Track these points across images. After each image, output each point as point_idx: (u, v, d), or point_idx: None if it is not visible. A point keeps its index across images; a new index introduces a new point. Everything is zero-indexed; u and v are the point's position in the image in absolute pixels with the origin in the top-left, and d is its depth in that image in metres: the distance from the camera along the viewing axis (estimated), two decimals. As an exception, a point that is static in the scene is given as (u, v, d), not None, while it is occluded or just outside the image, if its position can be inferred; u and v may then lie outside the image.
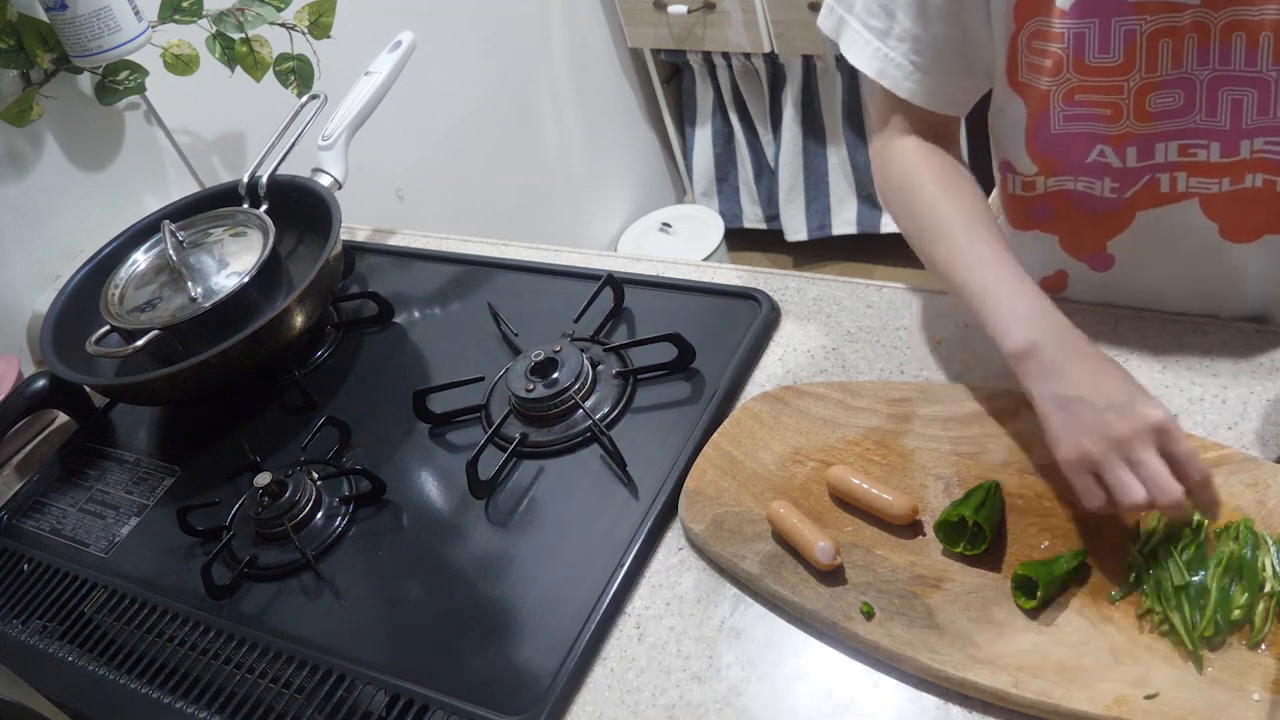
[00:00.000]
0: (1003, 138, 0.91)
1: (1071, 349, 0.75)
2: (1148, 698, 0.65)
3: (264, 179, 1.22)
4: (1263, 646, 0.65)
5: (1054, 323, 0.77)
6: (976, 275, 0.81)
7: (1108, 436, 0.70)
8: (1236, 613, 0.66)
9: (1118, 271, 0.93)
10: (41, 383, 1.14)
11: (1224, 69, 0.77)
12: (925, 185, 0.89)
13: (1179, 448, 0.69)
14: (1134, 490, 0.69)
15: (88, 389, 1.19)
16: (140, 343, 1.06)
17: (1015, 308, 0.78)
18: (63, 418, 1.23)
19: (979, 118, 0.96)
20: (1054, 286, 0.99)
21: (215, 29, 1.34)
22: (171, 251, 1.14)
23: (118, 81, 1.33)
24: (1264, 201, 0.83)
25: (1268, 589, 0.67)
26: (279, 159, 1.23)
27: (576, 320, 1.05)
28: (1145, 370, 0.86)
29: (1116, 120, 0.81)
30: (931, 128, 0.92)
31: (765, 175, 2.62)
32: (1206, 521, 0.71)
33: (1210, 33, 0.75)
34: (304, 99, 1.27)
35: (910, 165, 0.90)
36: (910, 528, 0.79)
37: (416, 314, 1.20)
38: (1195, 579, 0.68)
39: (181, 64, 1.35)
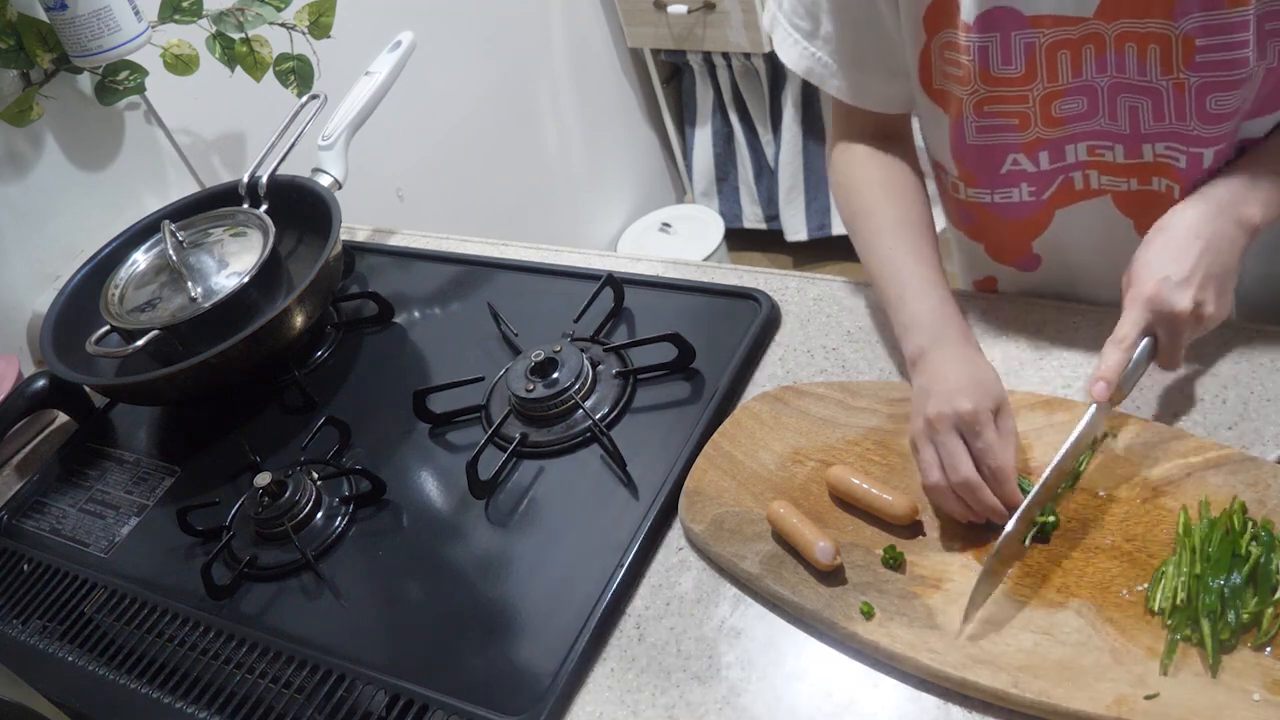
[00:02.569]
0: (930, 141, 0.95)
1: (945, 350, 0.81)
2: (1148, 698, 0.65)
3: (264, 179, 1.22)
4: (1267, 649, 0.65)
5: (947, 330, 0.83)
6: (891, 281, 0.88)
7: (925, 417, 0.77)
8: (1246, 616, 0.66)
9: (1045, 270, 0.97)
10: (41, 383, 1.14)
11: (1120, 77, 0.80)
12: (863, 189, 0.94)
13: (976, 441, 0.75)
14: (930, 469, 0.76)
15: (88, 389, 1.19)
16: (140, 343, 1.06)
17: (917, 316, 0.84)
18: (63, 418, 1.23)
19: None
20: (986, 288, 1.03)
21: (215, 29, 1.34)
22: (171, 251, 1.14)
23: (118, 81, 1.33)
24: (1169, 206, 0.84)
25: (1278, 595, 0.67)
26: (279, 159, 1.23)
27: (576, 320, 1.05)
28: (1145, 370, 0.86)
29: (1026, 128, 0.85)
30: (879, 127, 0.96)
31: (765, 175, 2.62)
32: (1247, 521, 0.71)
33: (1105, 43, 0.79)
34: (304, 99, 1.27)
35: (854, 169, 0.95)
36: (910, 528, 0.79)
37: (416, 314, 1.20)
38: (1223, 582, 0.68)
39: (181, 64, 1.35)
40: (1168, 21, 0.75)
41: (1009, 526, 0.73)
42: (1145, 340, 0.76)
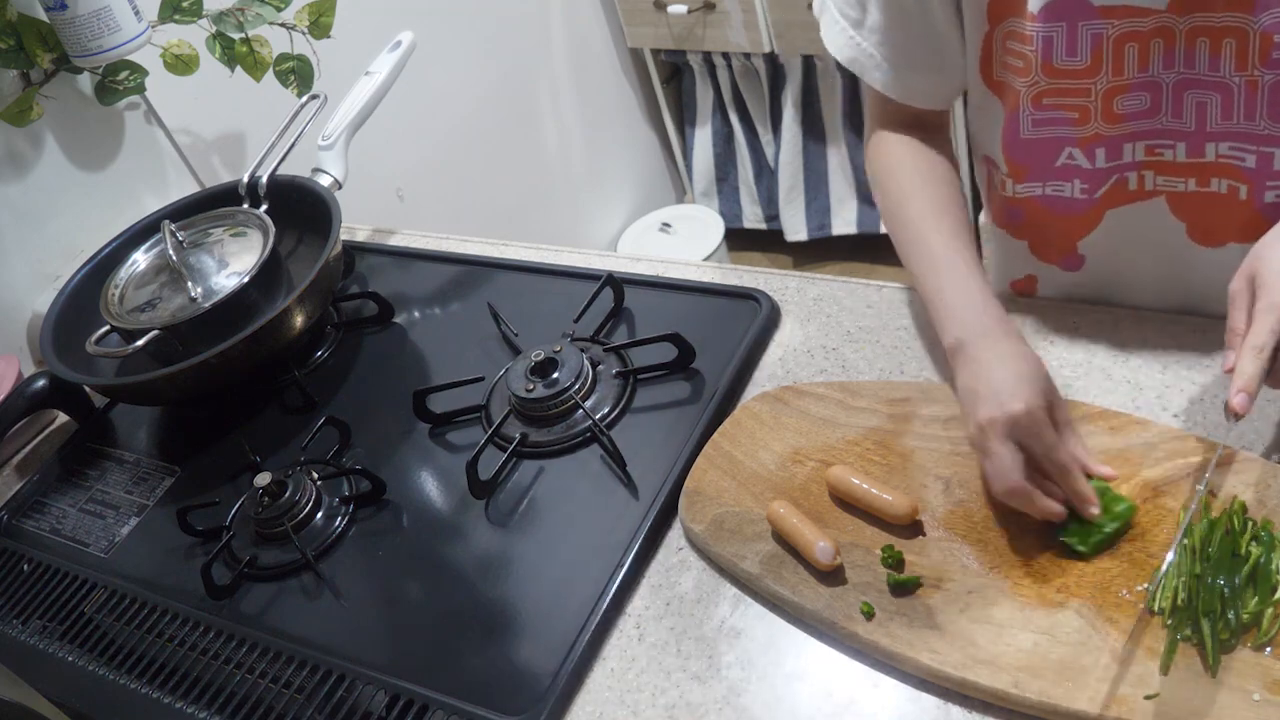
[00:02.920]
0: (981, 135, 0.93)
1: (992, 345, 0.78)
2: (1148, 698, 0.65)
3: (264, 179, 1.22)
4: (1267, 649, 0.65)
5: (985, 320, 0.80)
6: (928, 271, 0.85)
7: (975, 423, 0.75)
8: (1246, 616, 0.66)
9: (1088, 271, 0.95)
10: (41, 383, 1.14)
11: (1189, 72, 0.78)
12: (900, 178, 0.92)
13: (1037, 441, 0.73)
14: (991, 480, 0.74)
15: (88, 389, 1.19)
16: (140, 343, 1.06)
17: (954, 306, 0.82)
18: (63, 418, 1.23)
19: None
20: (1025, 290, 1.01)
21: (215, 29, 1.34)
22: (171, 251, 1.14)
23: (118, 81, 1.33)
24: (1229, 208, 0.84)
25: (1278, 595, 0.67)
26: (279, 159, 1.23)
27: (576, 320, 1.05)
28: (1145, 370, 0.86)
29: (1084, 123, 0.83)
30: (916, 120, 0.94)
31: (765, 175, 2.62)
32: (1247, 520, 0.70)
33: (1175, 37, 0.77)
34: (304, 99, 1.27)
35: (891, 159, 0.94)
36: (910, 528, 0.79)
37: (416, 314, 1.20)
38: (1222, 582, 0.68)
39: (181, 64, 1.35)
40: (1245, 16, 0.74)
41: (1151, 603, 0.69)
42: None
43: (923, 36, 0.87)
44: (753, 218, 2.70)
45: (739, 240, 2.77)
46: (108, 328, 1.11)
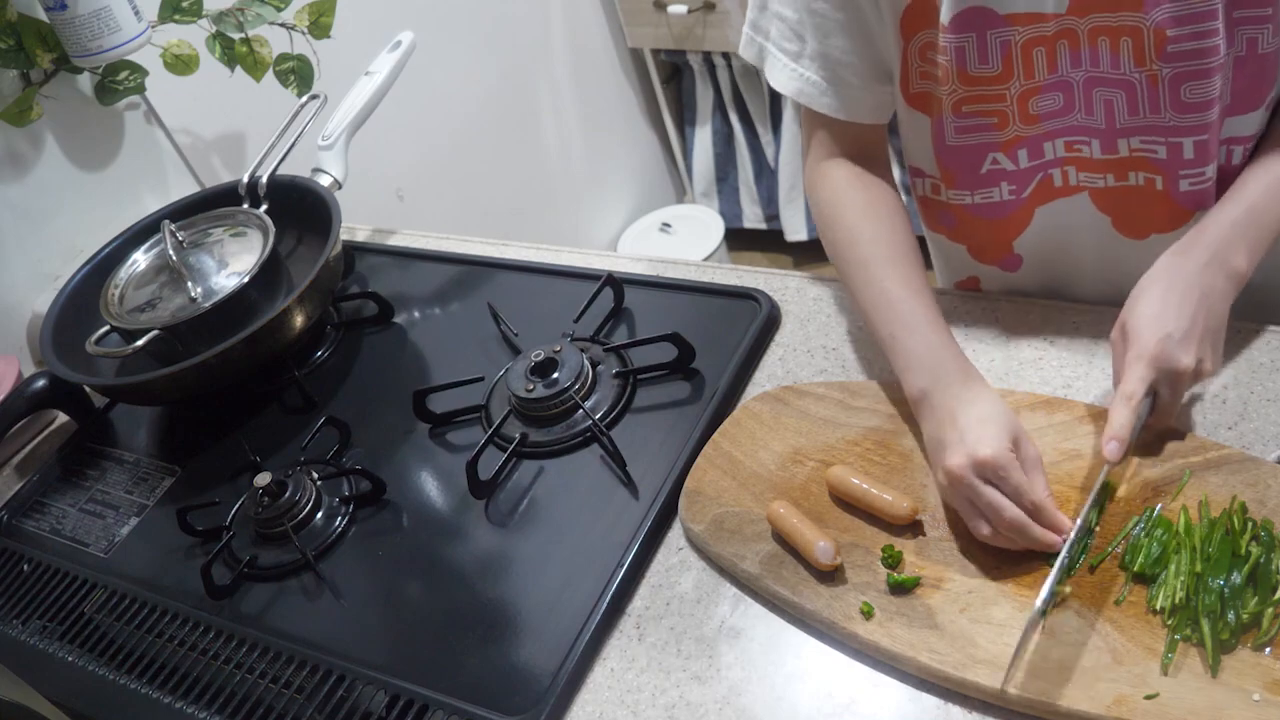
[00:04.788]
0: (909, 145, 0.95)
1: (955, 392, 0.78)
2: (1148, 698, 0.65)
3: (264, 179, 1.22)
4: (1266, 649, 0.65)
5: (947, 367, 0.80)
6: (885, 319, 0.85)
7: (946, 472, 0.75)
8: (1246, 616, 0.66)
9: (1027, 270, 0.98)
10: (41, 383, 1.14)
11: (1094, 71, 0.81)
12: (846, 215, 0.91)
13: (1005, 481, 0.73)
14: (975, 525, 0.75)
15: (88, 389, 1.19)
16: (140, 343, 1.06)
17: (914, 354, 0.82)
18: (63, 418, 1.23)
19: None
20: (970, 288, 1.04)
21: (215, 29, 1.34)
22: (171, 251, 1.14)
23: (118, 81, 1.33)
24: (1149, 200, 0.87)
25: (1278, 595, 0.67)
26: (279, 159, 1.23)
27: (576, 320, 1.05)
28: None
29: (1004, 126, 0.86)
30: (857, 142, 0.95)
31: (765, 175, 2.62)
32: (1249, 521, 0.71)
33: (1079, 38, 0.80)
34: (304, 99, 1.27)
35: (835, 195, 0.93)
36: (910, 528, 0.79)
37: (416, 314, 1.20)
38: (1222, 582, 0.68)
39: (181, 64, 1.35)
40: (1138, 14, 0.77)
41: (1042, 594, 0.69)
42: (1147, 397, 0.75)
43: (861, 47, 0.88)
44: (753, 218, 2.70)
45: (739, 240, 2.77)
46: (108, 328, 1.11)
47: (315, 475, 0.99)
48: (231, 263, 1.13)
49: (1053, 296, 0.97)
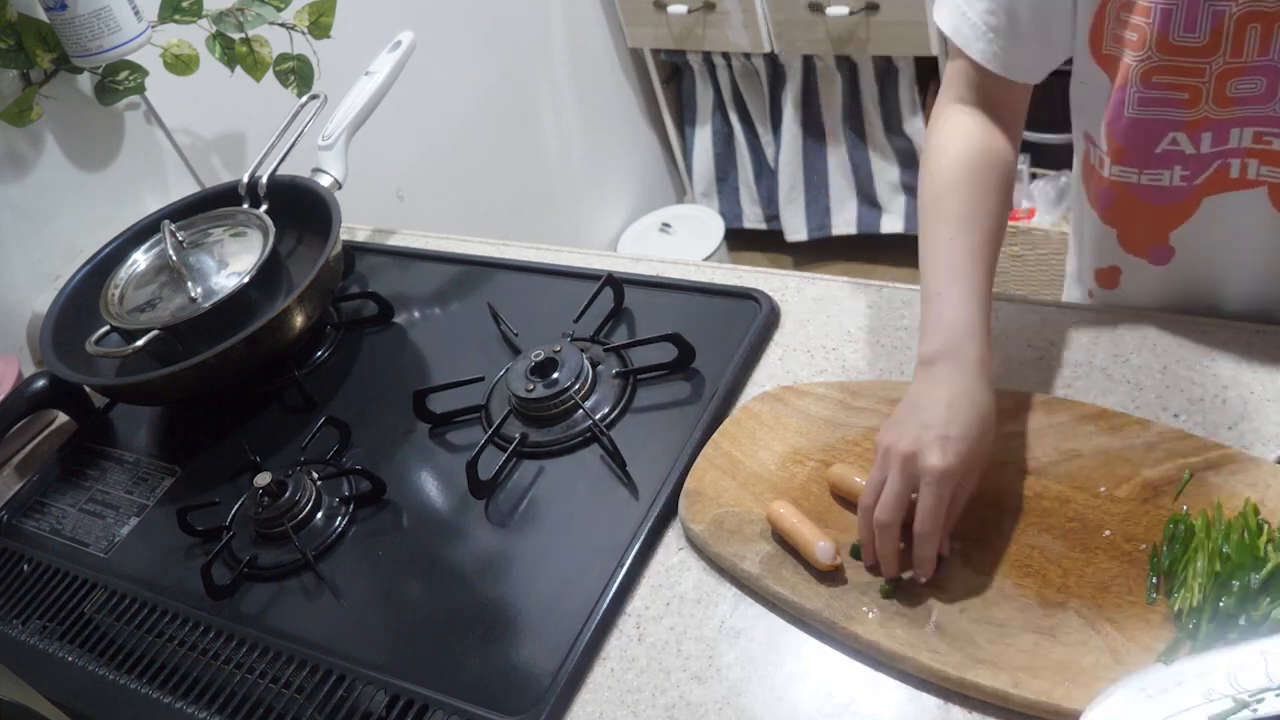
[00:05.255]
0: (1085, 109, 0.88)
1: (950, 371, 0.77)
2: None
3: (264, 179, 1.22)
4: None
5: (965, 346, 0.78)
6: (936, 274, 0.82)
7: (890, 441, 0.75)
8: (1258, 618, 0.66)
9: (1177, 265, 0.91)
10: (41, 383, 1.14)
11: None
12: (949, 168, 0.86)
13: (924, 498, 0.73)
14: (869, 491, 0.76)
15: (88, 389, 1.19)
16: (140, 343, 1.06)
17: (943, 319, 0.79)
18: (63, 418, 1.23)
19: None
20: (1107, 283, 0.98)
21: (215, 29, 1.34)
22: (171, 251, 1.14)
23: (118, 81, 1.33)
24: None
25: None
26: (279, 159, 1.23)
27: (576, 320, 1.05)
28: (1145, 370, 0.86)
29: (1194, 105, 0.79)
30: (994, 96, 0.89)
31: (765, 175, 2.62)
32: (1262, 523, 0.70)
33: None
34: (304, 99, 1.27)
35: (951, 141, 0.88)
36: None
37: (416, 314, 1.20)
38: (1236, 584, 0.67)
39: (181, 64, 1.35)
40: None
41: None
42: None
43: (1033, 7, 0.83)
44: (753, 218, 2.70)
45: (739, 240, 2.77)
46: (108, 328, 1.11)
47: (315, 475, 0.99)
48: (231, 263, 1.13)
49: (1190, 297, 0.92)
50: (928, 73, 2.26)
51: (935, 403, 0.75)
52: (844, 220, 2.56)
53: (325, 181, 1.23)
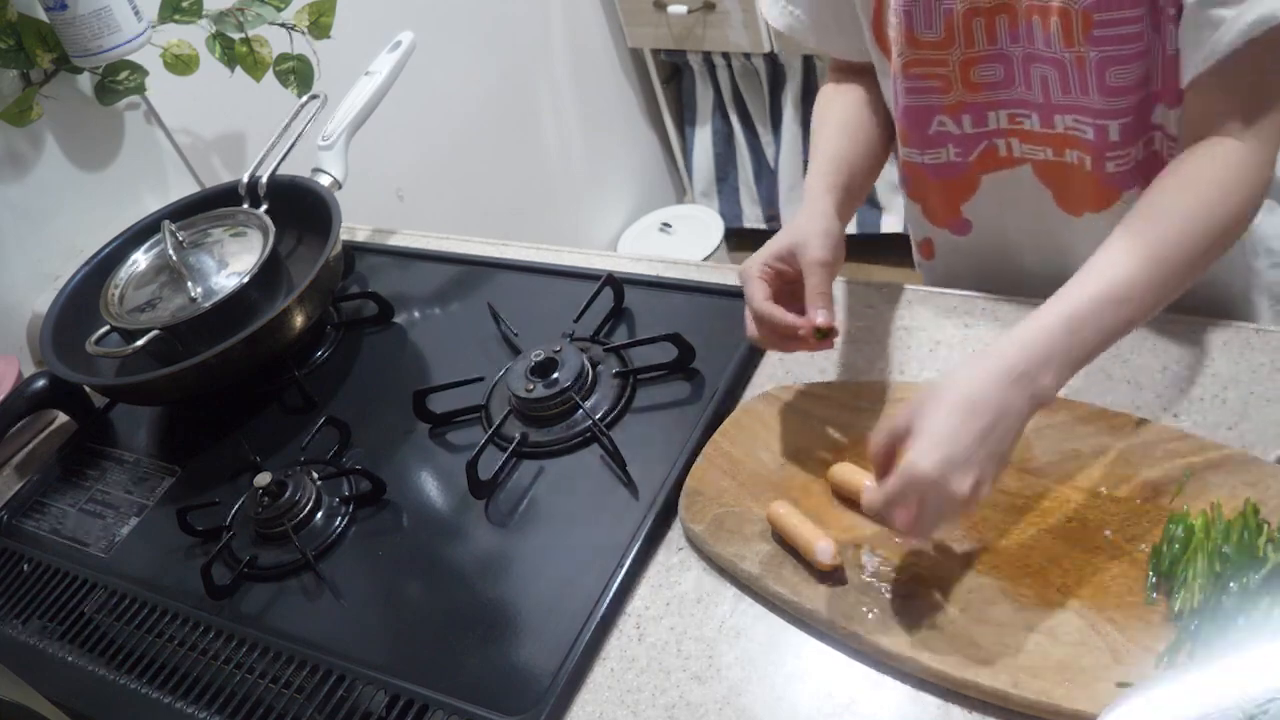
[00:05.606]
0: (886, 92, 0.98)
1: (799, 211, 0.87)
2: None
3: (264, 179, 1.22)
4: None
5: (807, 201, 0.88)
6: (812, 167, 0.93)
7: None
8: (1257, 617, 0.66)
9: (975, 236, 1.00)
10: (41, 383, 1.14)
11: (1030, 47, 0.84)
12: (822, 127, 0.98)
13: (747, 288, 0.85)
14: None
15: (88, 389, 1.19)
16: (140, 343, 1.06)
17: (807, 186, 0.90)
18: (63, 418, 1.23)
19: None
20: (926, 254, 1.07)
21: (215, 29, 1.34)
22: (171, 251, 1.14)
23: (118, 81, 1.33)
24: (1082, 178, 0.88)
25: None
26: (279, 159, 1.23)
27: (576, 320, 1.05)
28: (1145, 370, 0.86)
29: (948, 91, 0.89)
30: (853, 72, 1.00)
31: (765, 175, 2.62)
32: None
33: (1016, 14, 0.83)
34: (304, 99, 1.27)
35: (826, 108, 1.00)
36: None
37: (416, 314, 1.20)
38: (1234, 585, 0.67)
39: (181, 64, 1.35)
40: None
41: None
42: None
43: (831, 3, 0.95)
44: (753, 218, 2.70)
45: (739, 240, 2.77)
46: (108, 328, 1.11)
47: (315, 475, 0.99)
48: (231, 263, 1.13)
49: (999, 267, 1.00)
50: (928, 73, 2.26)
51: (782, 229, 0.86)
52: (844, 220, 2.56)
53: (325, 181, 1.23)
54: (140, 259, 1.19)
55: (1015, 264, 1.00)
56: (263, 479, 0.97)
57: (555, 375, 0.99)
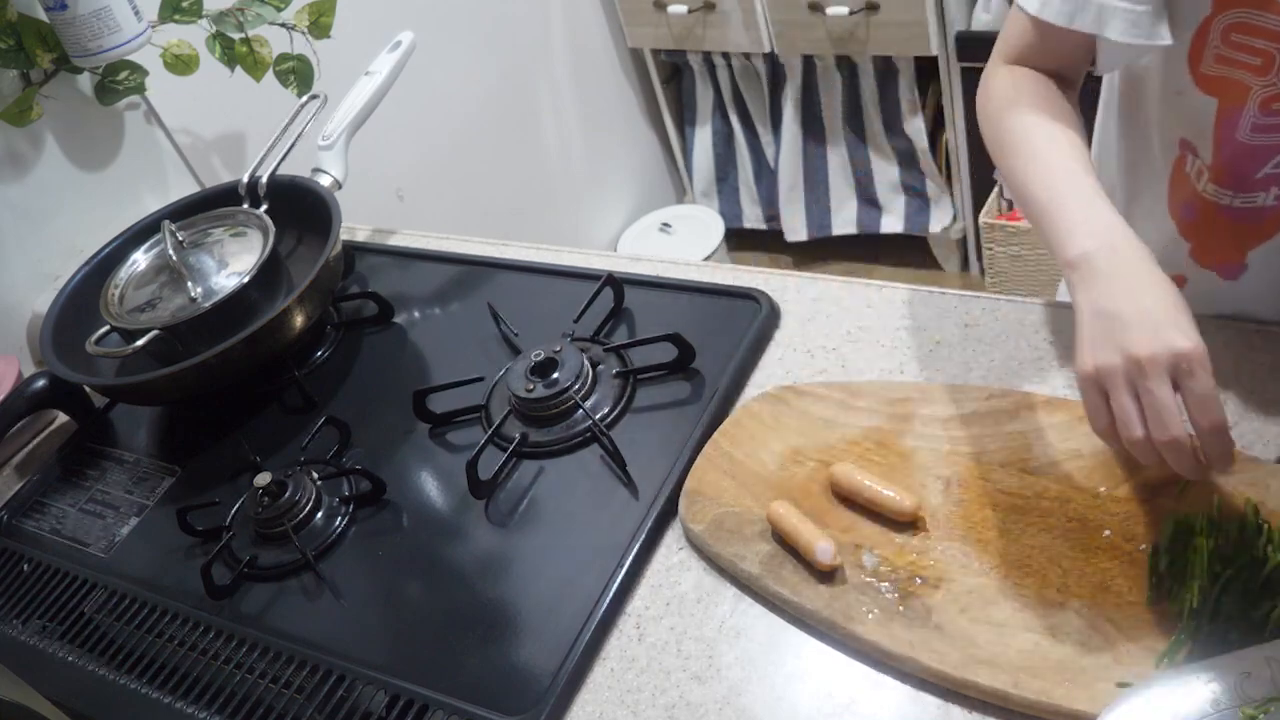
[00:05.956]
0: (1185, 119, 0.83)
1: (1125, 262, 0.68)
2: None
3: (264, 179, 1.22)
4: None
5: (1116, 234, 0.69)
6: (1049, 186, 0.74)
7: (1125, 354, 0.64)
8: (1258, 618, 0.66)
9: (1247, 280, 0.87)
10: (41, 383, 1.14)
11: None
12: (1024, 103, 0.81)
13: (1198, 385, 0.62)
14: (1132, 422, 0.64)
15: (88, 389, 1.19)
16: (140, 343, 1.06)
17: (1079, 218, 0.71)
18: (63, 418, 1.23)
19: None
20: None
21: (215, 29, 1.34)
22: (171, 251, 1.14)
23: (118, 81, 1.33)
24: None
25: None
26: (279, 159, 1.23)
27: (576, 320, 1.05)
28: (1145, 370, 0.86)
29: None
30: (1060, 61, 0.84)
31: (765, 175, 2.62)
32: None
33: None
34: (304, 99, 1.27)
35: (1017, 84, 0.83)
36: (911, 526, 0.79)
37: (416, 314, 1.20)
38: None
39: (181, 64, 1.35)
40: None
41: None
42: None
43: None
44: (753, 218, 2.70)
45: (739, 240, 2.77)
46: (108, 328, 1.11)
47: (315, 475, 0.99)
48: (231, 263, 1.13)
49: (1251, 314, 0.88)
50: (928, 73, 2.26)
51: (1130, 295, 0.66)
52: (844, 220, 2.56)
53: (325, 181, 1.23)
54: (140, 259, 1.19)
55: (1272, 306, 0.87)
56: (263, 479, 0.97)
57: (555, 375, 0.99)
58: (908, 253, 2.59)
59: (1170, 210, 0.88)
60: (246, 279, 1.10)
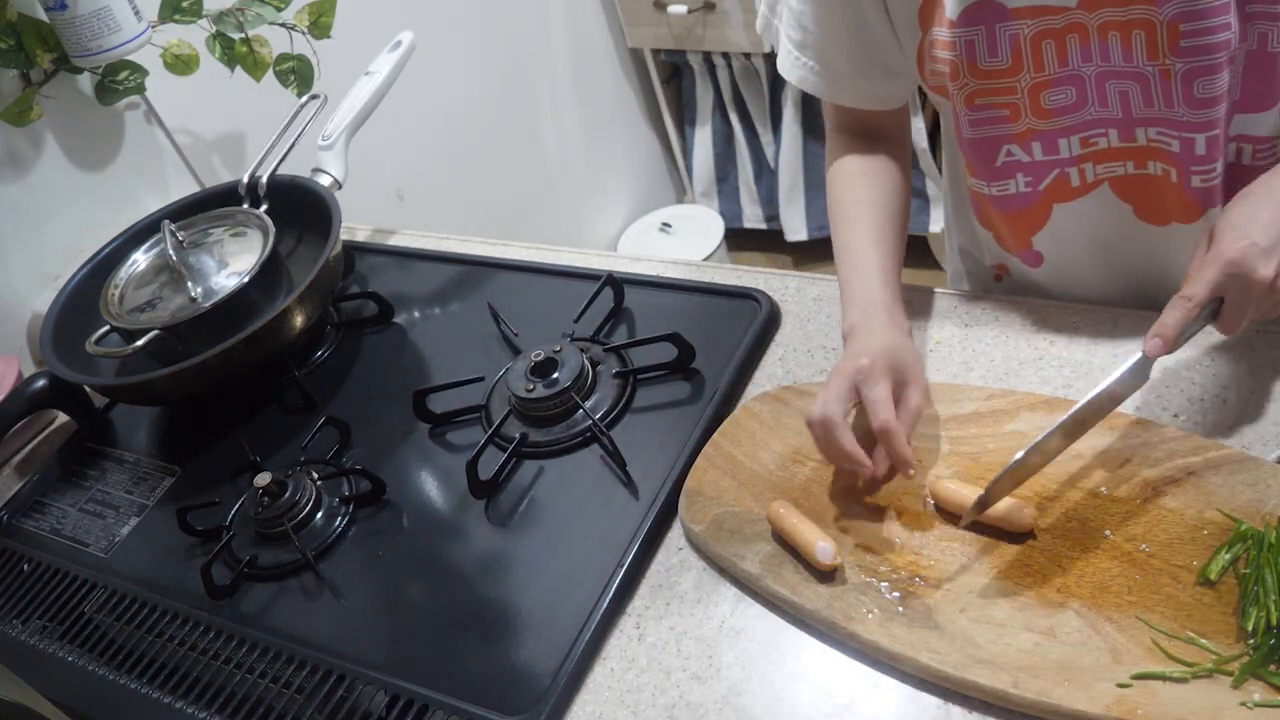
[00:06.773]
0: (949, 133, 0.96)
1: (875, 330, 0.84)
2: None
3: (264, 179, 1.22)
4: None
5: (876, 310, 0.86)
6: (842, 264, 0.92)
7: (831, 372, 0.82)
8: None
9: (1048, 267, 0.98)
10: (41, 383, 1.14)
11: (1105, 65, 0.81)
12: (843, 178, 0.98)
13: (868, 392, 0.79)
14: (818, 403, 0.79)
15: (88, 389, 1.19)
16: (140, 343, 1.06)
17: (855, 294, 0.88)
18: (63, 418, 1.23)
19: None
20: (996, 279, 1.05)
21: (215, 29, 1.34)
22: (171, 251, 1.14)
23: (118, 81, 1.33)
24: (1166, 189, 0.87)
25: None
26: (279, 159, 1.23)
27: (576, 320, 1.05)
28: (1145, 370, 0.86)
29: (1016, 119, 0.86)
30: (868, 125, 0.99)
31: (765, 175, 2.62)
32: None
33: (1089, 33, 0.80)
34: (304, 99, 1.27)
35: (840, 162, 1.00)
36: (911, 526, 0.79)
37: (416, 314, 1.20)
38: None
39: (181, 64, 1.35)
40: (1150, 8, 0.76)
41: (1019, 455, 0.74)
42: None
43: (861, 42, 0.91)
44: (753, 218, 2.70)
45: (739, 240, 2.77)
46: (108, 328, 1.11)
47: (315, 475, 0.99)
48: (231, 263, 1.13)
49: (1072, 288, 0.98)
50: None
51: (862, 346, 0.83)
52: (844, 220, 2.56)
53: (325, 181, 1.23)
54: (140, 259, 1.19)
55: (1088, 293, 0.97)
56: (263, 479, 0.97)
57: (555, 375, 0.99)
58: (908, 253, 2.58)
59: (973, 210, 1.01)
60: (246, 279, 1.10)
